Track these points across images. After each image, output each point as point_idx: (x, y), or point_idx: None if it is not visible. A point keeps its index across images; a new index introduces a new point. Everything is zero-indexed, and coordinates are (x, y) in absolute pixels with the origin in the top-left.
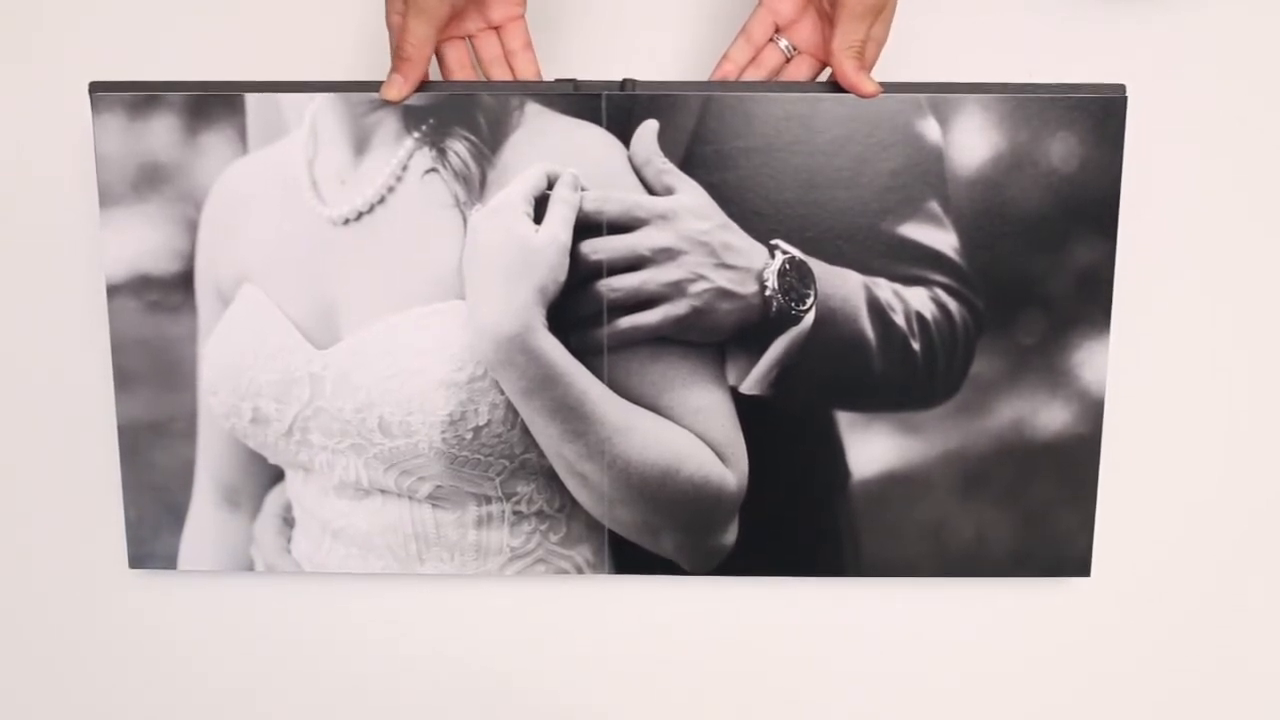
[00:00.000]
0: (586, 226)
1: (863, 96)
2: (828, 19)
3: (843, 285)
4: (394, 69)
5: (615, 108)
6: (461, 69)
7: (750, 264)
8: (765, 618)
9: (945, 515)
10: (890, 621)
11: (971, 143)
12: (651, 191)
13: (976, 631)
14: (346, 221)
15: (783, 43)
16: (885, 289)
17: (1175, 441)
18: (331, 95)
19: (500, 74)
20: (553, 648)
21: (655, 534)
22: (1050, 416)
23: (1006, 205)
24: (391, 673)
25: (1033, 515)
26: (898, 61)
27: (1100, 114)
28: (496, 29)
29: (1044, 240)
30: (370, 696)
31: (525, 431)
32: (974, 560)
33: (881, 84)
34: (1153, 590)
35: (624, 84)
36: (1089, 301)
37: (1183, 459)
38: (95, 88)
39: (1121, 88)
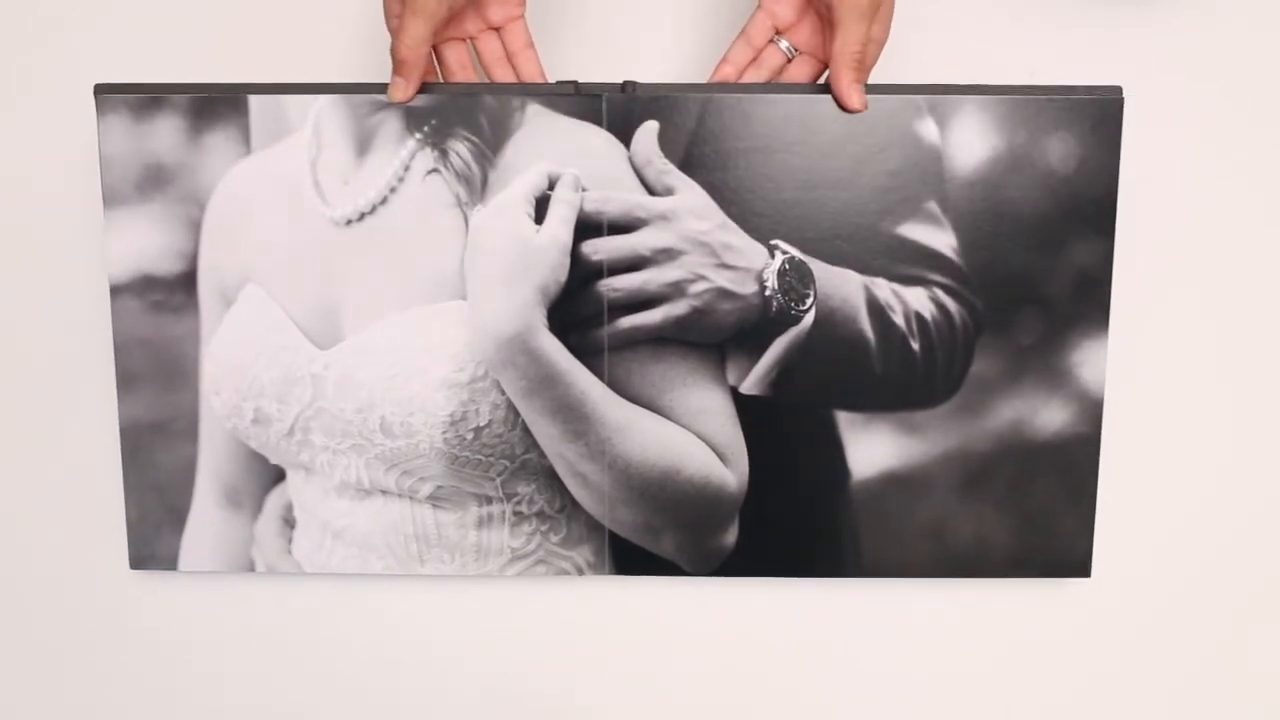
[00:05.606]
0: (587, 227)
1: (848, 110)
2: (826, 22)
3: (842, 285)
4: (393, 71)
5: (616, 109)
6: (462, 69)
7: (750, 264)
8: (765, 618)
9: (945, 516)
10: (890, 622)
11: (969, 143)
12: (652, 192)
13: (976, 632)
14: (349, 222)
15: (783, 44)
16: (884, 289)
17: (1175, 441)
18: (334, 96)
19: (503, 74)
20: (553, 648)
21: (656, 534)
22: (1050, 417)
23: (1005, 205)
24: (392, 673)
25: (1033, 516)
26: (896, 62)
27: (1098, 114)
28: (497, 30)
29: (1042, 240)
30: (370, 696)
31: (526, 432)
32: (974, 561)
33: (879, 85)
34: (1153, 591)
35: (624, 85)
36: (1087, 301)
37: (1183, 459)
38: (100, 89)
39: (1119, 89)
